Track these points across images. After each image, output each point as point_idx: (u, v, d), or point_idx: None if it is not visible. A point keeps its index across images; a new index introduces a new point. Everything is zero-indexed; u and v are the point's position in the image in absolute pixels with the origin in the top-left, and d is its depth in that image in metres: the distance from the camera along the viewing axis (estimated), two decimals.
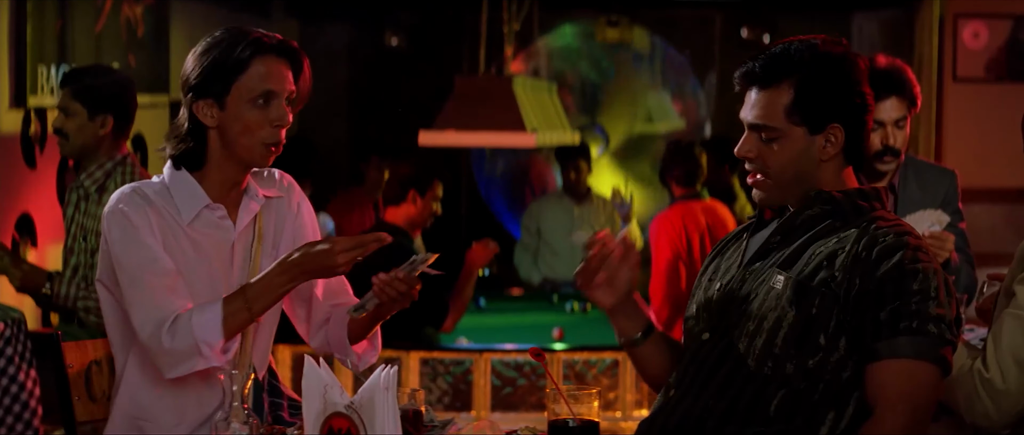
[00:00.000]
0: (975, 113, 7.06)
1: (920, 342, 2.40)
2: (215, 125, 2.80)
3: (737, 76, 2.57)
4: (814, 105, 2.51)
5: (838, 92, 2.52)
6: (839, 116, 2.52)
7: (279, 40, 2.82)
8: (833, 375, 2.46)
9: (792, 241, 2.55)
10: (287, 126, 2.81)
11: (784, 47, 2.54)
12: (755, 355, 2.48)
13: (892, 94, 4.01)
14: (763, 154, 2.54)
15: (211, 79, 2.77)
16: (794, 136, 2.52)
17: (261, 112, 2.78)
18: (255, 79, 2.77)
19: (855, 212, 2.54)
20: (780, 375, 2.47)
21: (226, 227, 2.86)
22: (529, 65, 9.21)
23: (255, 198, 2.90)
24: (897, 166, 4.14)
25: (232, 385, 2.45)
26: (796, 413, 2.47)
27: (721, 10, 9.12)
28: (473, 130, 6.36)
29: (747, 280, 2.56)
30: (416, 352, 5.56)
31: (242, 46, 2.77)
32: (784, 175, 2.55)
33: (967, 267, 4.10)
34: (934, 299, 2.42)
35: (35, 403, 4.08)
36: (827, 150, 2.53)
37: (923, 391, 2.41)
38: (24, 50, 5.03)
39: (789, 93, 2.51)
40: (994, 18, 7.07)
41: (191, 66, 2.80)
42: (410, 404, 2.56)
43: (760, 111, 2.53)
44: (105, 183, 4.22)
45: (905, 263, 2.43)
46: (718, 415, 2.50)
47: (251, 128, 2.78)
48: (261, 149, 2.81)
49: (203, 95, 2.79)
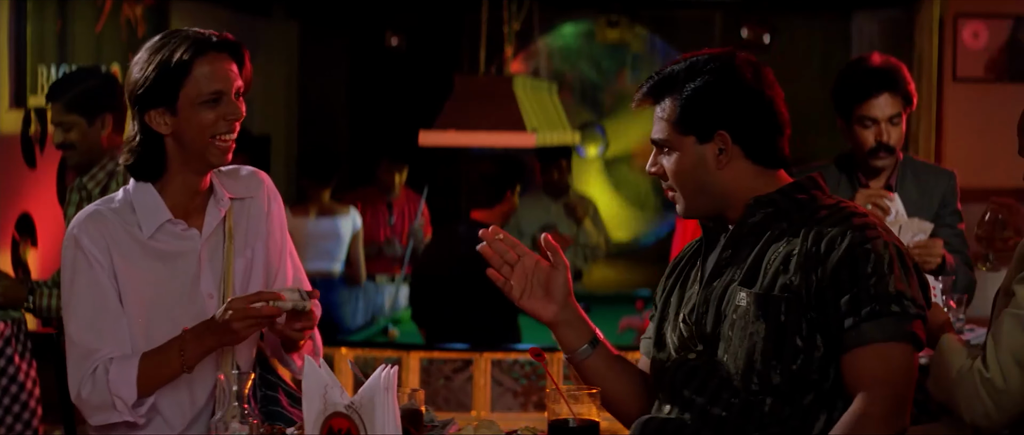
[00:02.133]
0: (975, 113, 7.06)
1: (885, 324, 2.39)
2: (170, 132, 2.79)
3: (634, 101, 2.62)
4: (694, 114, 2.53)
5: (717, 98, 2.53)
6: (723, 121, 2.53)
7: (218, 36, 2.80)
8: (821, 374, 2.45)
9: (745, 253, 2.54)
10: (241, 120, 2.81)
11: (672, 64, 2.59)
12: (739, 375, 2.48)
13: (884, 91, 4.02)
14: (665, 168, 2.58)
15: (158, 87, 2.75)
16: (685, 147, 2.55)
17: (213, 111, 2.77)
18: (202, 81, 2.76)
19: (796, 208, 2.53)
20: (768, 387, 2.46)
21: (190, 236, 2.85)
22: (529, 65, 9.21)
23: (221, 202, 2.88)
24: (895, 164, 4.14)
25: (232, 385, 2.45)
26: (790, 417, 2.47)
27: (721, 10, 9.12)
28: (473, 130, 6.36)
29: (710, 301, 2.55)
30: (416, 352, 5.56)
31: (183, 49, 2.75)
32: (686, 186, 2.57)
33: (965, 268, 4.10)
34: (890, 276, 2.41)
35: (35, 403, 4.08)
36: (722, 158, 2.54)
37: (899, 372, 2.40)
38: (24, 50, 5.03)
39: (674, 106, 2.54)
40: (994, 18, 7.07)
41: (135, 76, 2.78)
42: (410, 404, 2.56)
43: (656, 126, 2.58)
44: (108, 184, 4.21)
45: (854, 247, 2.42)
46: (713, 424, 2.50)
47: (206, 128, 2.77)
48: (218, 148, 2.80)
49: (153, 104, 2.77)
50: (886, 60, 4.11)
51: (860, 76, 4.07)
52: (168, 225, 2.83)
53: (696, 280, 2.63)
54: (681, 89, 2.54)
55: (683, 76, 2.55)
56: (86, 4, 5.55)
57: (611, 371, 2.70)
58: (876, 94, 4.02)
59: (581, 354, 2.68)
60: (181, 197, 2.85)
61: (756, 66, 2.56)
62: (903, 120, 4.07)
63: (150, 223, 2.82)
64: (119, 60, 5.84)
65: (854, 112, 4.05)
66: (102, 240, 2.80)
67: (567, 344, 2.68)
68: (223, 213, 2.88)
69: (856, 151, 4.11)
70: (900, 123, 4.06)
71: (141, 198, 2.84)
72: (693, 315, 2.57)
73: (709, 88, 2.53)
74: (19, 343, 4.02)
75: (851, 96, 4.05)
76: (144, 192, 2.84)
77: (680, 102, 2.54)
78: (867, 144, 4.05)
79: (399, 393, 2.43)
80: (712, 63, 2.55)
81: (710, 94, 2.53)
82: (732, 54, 2.57)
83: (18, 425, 3.90)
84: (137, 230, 2.83)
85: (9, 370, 3.91)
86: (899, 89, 4.04)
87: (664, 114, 2.56)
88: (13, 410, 3.92)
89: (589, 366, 2.69)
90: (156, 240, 2.83)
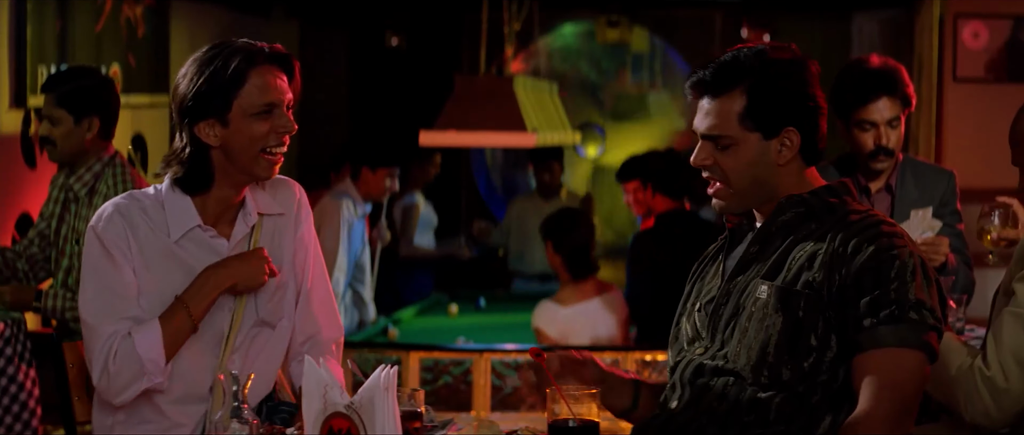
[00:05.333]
0: (975, 113, 7.05)
1: (902, 329, 2.40)
2: (219, 144, 2.78)
3: (688, 86, 2.57)
4: (767, 110, 2.51)
5: (790, 96, 2.52)
6: (793, 119, 2.53)
7: (271, 48, 2.79)
8: (830, 375, 2.46)
9: (771, 250, 2.55)
10: (292, 133, 2.80)
11: (734, 55, 2.54)
12: (750, 367, 2.49)
13: (883, 94, 4.02)
14: (719, 162, 2.55)
15: (210, 98, 2.74)
16: (749, 142, 2.53)
17: (265, 124, 2.77)
18: (255, 92, 2.75)
19: (827, 210, 2.54)
20: (777, 382, 2.47)
21: (217, 246, 2.85)
22: (529, 65, 9.21)
23: (249, 217, 2.88)
24: (894, 165, 4.14)
25: (232, 385, 2.45)
26: (796, 415, 2.47)
27: (721, 10, 9.12)
28: (473, 130, 6.36)
29: (731, 294, 2.56)
30: (416, 352, 5.56)
31: (237, 60, 2.74)
32: (742, 181, 2.55)
33: (965, 268, 4.10)
34: (912, 283, 2.42)
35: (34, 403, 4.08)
36: (783, 154, 2.54)
37: (908, 378, 2.41)
38: (24, 50, 5.03)
39: (742, 100, 2.51)
40: (994, 18, 7.07)
41: (185, 88, 2.76)
42: (410, 404, 2.56)
43: (714, 120, 2.53)
44: (95, 185, 4.20)
45: (880, 252, 2.43)
46: (719, 421, 2.51)
47: (257, 141, 2.77)
48: (267, 161, 2.80)
49: (203, 116, 2.76)
50: (884, 62, 4.10)
51: (858, 79, 4.06)
52: (197, 230, 2.83)
53: (717, 274, 2.64)
54: (750, 82, 2.51)
55: (751, 69, 2.51)
56: (86, 4, 5.55)
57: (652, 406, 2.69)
58: (874, 98, 4.01)
59: (626, 414, 2.70)
60: (215, 207, 2.85)
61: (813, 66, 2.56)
62: (902, 122, 4.07)
63: (179, 227, 2.82)
64: (119, 60, 5.83)
65: (853, 116, 4.04)
66: (126, 236, 2.80)
67: (612, 407, 2.69)
68: (251, 227, 2.88)
69: (856, 153, 4.10)
70: (899, 125, 4.06)
71: (173, 202, 2.83)
72: (711, 305, 2.58)
73: (781, 84, 2.52)
74: (19, 343, 4.02)
75: (849, 100, 4.05)
76: (178, 197, 2.83)
77: (750, 96, 2.51)
78: (866, 147, 4.04)
79: (399, 393, 2.43)
80: (781, 57, 2.53)
81: (782, 90, 2.52)
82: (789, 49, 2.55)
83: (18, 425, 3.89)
84: (164, 232, 2.82)
85: (8, 370, 3.91)
86: (897, 92, 4.04)
87: (728, 106, 2.52)
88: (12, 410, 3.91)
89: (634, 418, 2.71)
90: (182, 246, 2.83)
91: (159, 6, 6.34)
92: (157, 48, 6.33)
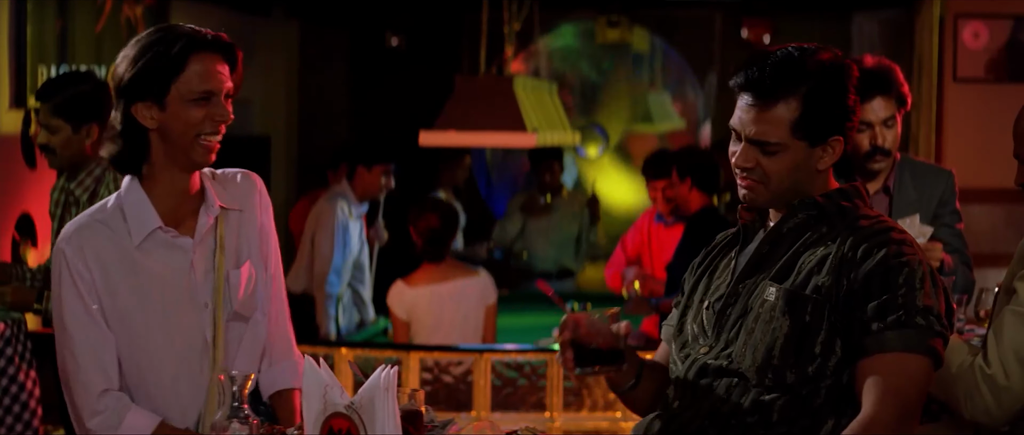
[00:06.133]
0: (975, 113, 7.06)
1: (908, 335, 2.40)
2: (156, 127, 2.76)
3: (740, 82, 2.51)
4: (820, 120, 2.50)
5: (842, 107, 2.51)
6: (840, 129, 2.52)
7: (213, 36, 2.77)
8: (834, 379, 2.46)
9: (781, 252, 2.54)
10: (229, 122, 2.78)
11: (788, 58, 2.49)
12: (754, 369, 2.48)
13: (877, 94, 4.01)
14: (762, 164, 2.52)
15: (148, 80, 2.72)
16: (796, 149, 2.51)
17: (202, 110, 2.74)
18: (194, 79, 2.73)
19: (840, 214, 2.54)
20: (781, 385, 2.47)
21: (181, 245, 2.82)
22: (529, 65, 9.22)
23: (211, 209, 2.85)
24: (892, 166, 4.13)
25: (232, 385, 2.45)
26: (799, 418, 2.47)
27: (721, 10, 9.12)
28: (473, 130, 6.36)
29: (740, 295, 2.56)
30: (416, 352, 5.56)
31: (178, 45, 2.71)
32: (782, 184, 2.53)
33: (964, 268, 4.10)
34: (920, 290, 2.42)
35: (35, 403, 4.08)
36: (824, 161, 2.53)
37: (913, 384, 2.41)
38: (24, 50, 5.03)
39: (796, 108, 2.48)
40: (994, 18, 7.07)
41: (124, 67, 2.74)
42: (410, 404, 2.56)
43: (764, 126, 2.49)
44: (96, 189, 4.19)
45: (890, 258, 2.43)
46: (721, 423, 2.50)
47: (193, 127, 2.74)
48: (200, 146, 2.77)
49: (141, 97, 2.73)
50: (878, 62, 4.10)
51: None
52: (159, 232, 2.80)
53: (726, 270, 2.63)
54: (807, 90, 2.48)
55: (811, 75, 2.48)
56: (86, 4, 5.55)
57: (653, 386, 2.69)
58: (869, 98, 4.01)
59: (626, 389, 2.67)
60: (171, 201, 2.81)
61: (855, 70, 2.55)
62: (898, 122, 4.06)
63: (140, 230, 2.79)
64: None
65: None
66: (87, 255, 2.77)
67: (614, 383, 2.67)
68: (212, 220, 2.85)
69: (852, 155, 4.10)
70: (895, 125, 4.05)
71: (132, 203, 2.80)
72: (719, 303, 2.58)
73: (835, 94, 2.50)
74: (19, 343, 4.02)
75: None
76: (135, 197, 2.80)
77: (805, 105, 2.47)
78: (862, 148, 4.04)
79: (399, 393, 2.43)
80: (835, 65, 2.50)
81: (835, 101, 2.50)
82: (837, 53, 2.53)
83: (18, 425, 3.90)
84: (127, 239, 2.79)
85: (9, 370, 3.91)
86: (892, 91, 4.03)
87: (781, 113, 2.48)
88: (13, 410, 3.91)
89: (633, 396, 2.69)
90: (145, 251, 2.80)
91: (159, 6, 6.35)
92: None
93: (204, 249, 2.85)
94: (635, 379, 2.65)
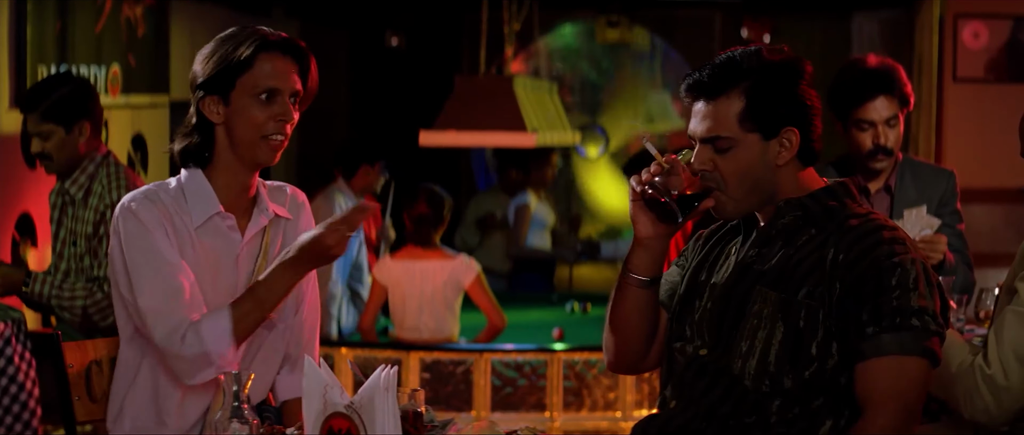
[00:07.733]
0: (975, 113, 7.06)
1: (904, 337, 2.40)
2: (221, 121, 2.83)
3: (684, 89, 2.55)
4: (766, 110, 2.50)
5: (789, 95, 2.51)
6: (792, 119, 2.52)
7: (284, 38, 2.84)
8: (831, 382, 2.46)
9: (770, 255, 2.53)
10: (291, 123, 2.83)
11: (729, 57, 2.52)
12: (750, 375, 2.48)
13: (880, 93, 4.02)
14: (719, 166, 2.52)
15: (217, 76, 2.80)
16: (748, 143, 2.51)
17: (265, 108, 2.80)
18: (259, 76, 2.79)
19: (826, 215, 2.52)
20: (779, 390, 2.47)
21: (232, 238, 2.88)
22: (529, 65, 9.22)
23: (264, 212, 2.91)
24: (894, 165, 4.14)
25: (232, 385, 2.45)
26: (797, 419, 2.47)
27: (721, 10, 9.12)
28: (473, 130, 6.36)
29: (733, 299, 2.55)
30: (416, 352, 5.57)
31: (247, 43, 2.79)
32: (742, 184, 2.52)
33: (964, 268, 4.10)
34: (914, 291, 2.41)
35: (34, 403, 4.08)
36: (782, 155, 2.52)
37: (912, 386, 2.41)
38: (24, 50, 5.03)
39: (740, 101, 2.49)
40: (994, 18, 7.07)
41: (199, 63, 2.83)
42: (410, 404, 2.56)
43: (712, 122, 2.51)
44: (90, 186, 4.20)
45: (881, 259, 2.42)
46: (718, 424, 2.50)
47: (255, 124, 2.80)
48: (265, 146, 2.82)
49: (209, 92, 2.81)
50: (882, 62, 4.10)
51: (855, 79, 4.07)
52: (216, 218, 2.85)
53: (726, 264, 2.61)
54: (748, 84, 2.49)
55: (749, 70, 2.50)
56: (86, 4, 5.55)
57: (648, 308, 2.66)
58: (872, 97, 4.01)
59: (635, 281, 2.63)
60: (230, 193, 2.87)
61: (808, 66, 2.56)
62: (900, 121, 4.06)
63: (201, 213, 2.84)
64: (119, 60, 5.84)
65: (850, 115, 4.04)
66: (155, 214, 2.81)
67: (634, 265, 2.62)
68: (265, 223, 2.90)
69: (854, 154, 4.10)
70: (897, 125, 4.06)
71: (194, 187, 2.85)
72: (718, 303, 2.56)
73: (780, 84, 2.51)
74: (19, 343, 4.02)
75: (847, 99, 4.05)
76: (197, 183, 2.85)
77: (749, 97, 2.49)
78: (865, 147, 4.04)
79: (399, 393, 2.43)
80: (777, 58, 2.52)
81: (782, 90, 2.51)
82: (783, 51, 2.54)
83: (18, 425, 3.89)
84: (187, 219, 2.84)
85: (9, 370, 3.90)
86: (895, 91, 4.04)
87: (726, 108, 2.50)
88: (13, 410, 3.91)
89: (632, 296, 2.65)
90: (201, 237, 2.85)
91: (159, 6, 6.34)
92: (157, 48, 6.33)
93: (250, 249, 2.90)
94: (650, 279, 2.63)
